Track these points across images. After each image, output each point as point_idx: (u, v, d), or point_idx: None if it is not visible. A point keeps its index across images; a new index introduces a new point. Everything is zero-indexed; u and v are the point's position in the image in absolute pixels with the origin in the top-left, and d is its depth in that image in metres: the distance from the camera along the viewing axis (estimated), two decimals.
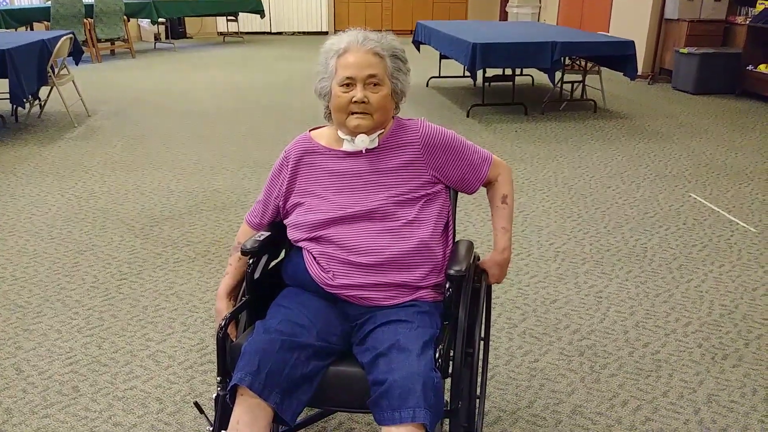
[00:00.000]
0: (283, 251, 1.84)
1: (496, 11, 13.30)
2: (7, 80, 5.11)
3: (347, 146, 1.69)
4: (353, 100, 1.63)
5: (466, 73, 7.02)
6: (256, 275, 1.70)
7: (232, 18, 12.12)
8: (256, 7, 11.51)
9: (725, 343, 2.53)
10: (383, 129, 1.71)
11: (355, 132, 1.67)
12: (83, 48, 7.03)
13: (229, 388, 1.47)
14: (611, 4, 9.14)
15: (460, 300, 1.62)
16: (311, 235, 1.66)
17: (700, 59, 7.30)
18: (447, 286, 1.58)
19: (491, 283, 1.85)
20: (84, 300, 2.82)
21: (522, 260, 3.22)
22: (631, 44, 5.96)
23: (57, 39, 5.70)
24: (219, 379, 1.59)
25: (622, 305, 2.80)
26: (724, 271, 3.13)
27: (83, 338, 2.53)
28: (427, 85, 7.81)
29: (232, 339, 1.62)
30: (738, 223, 3.70)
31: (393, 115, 1.74)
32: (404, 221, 1.65)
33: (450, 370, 1.56)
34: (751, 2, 7.42)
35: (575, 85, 6.91)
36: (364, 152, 1.69)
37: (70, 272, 3.08)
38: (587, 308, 2.78)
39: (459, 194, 1.82)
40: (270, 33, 13.13)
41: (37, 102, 6.00)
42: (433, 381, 1.41)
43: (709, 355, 2.44)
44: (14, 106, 5.85)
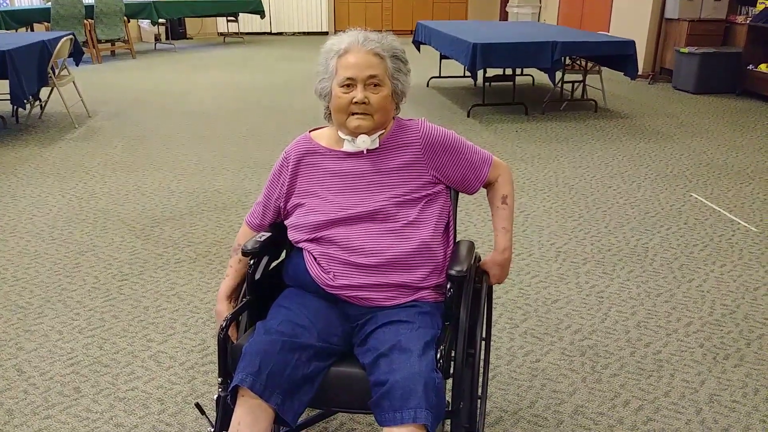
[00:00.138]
0: (284, 252, 1.84)
1: (496, 11, 13.30)
2: (7, 81, 5.11)
3: (348, 147, 1.69)
4: (354, 100, 1.62)
5: (467, 73, 7.03)
6: (257, 276, 1.70)
7: (233, 18, 12.13)
8: (256, 8, 11.52)
9: (727, 342, 2.53)
10: (384, 129, 1.70)
11: (356, 133, 1.66)
12: (83, 49, 7.03)
13: (230, 389, 1.47)
14: (611, 3, 9.14)
15: (462, 300, 1.61)
16: (312, 236, 1.66)
17: (701, 59, 7.30)
18: (448, 286, 1.58)
19: (492, 284, 1.84)
20: (85, 301, 2.83)
21: (523, 260, 3.22)
22: (632, 44, 5.96)
23: (57, 40, 5.71)
24: (220, 380, 1.59)
25: (624, 305, 2.80)
26: (726, 270, 3.13)
27: (84, 339, 2.53)
28: (427, 86, 7.81)
29: (232, 341, 1.62)
30: (739, 223, 3.70)
31: (393, 116, 1.74)
32: (405, 222, 1.65)
33: (451, 371, 1.56)
34: (752, 2, 7.42)
35: (576, 84, 6.91)
36: (365, 153, 1.69)
37: (71, 273, 3.08)
38: (588, 308, 2.77)
39: (460, 194, 1.82)
40: (270, 33, 13.15)
41: (37, 103, 6.00)
42: (434, 381, 1.41)
43: (711, 355, 2.44)
44: (15, 107, 5.86)
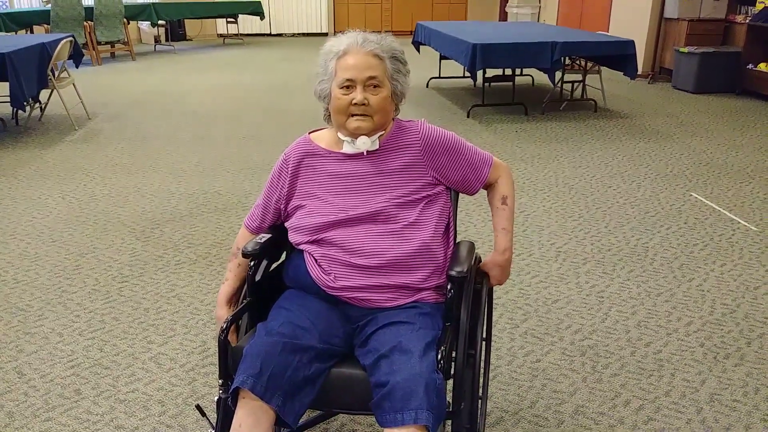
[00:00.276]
0: (284, 253, 1.84)
1: (496, 11, 13.30)
2: (7, 83, 5.12)
3: (347, 148, 1.69)
4: (353, 102, 1.62)
5: (466, 74, 7.02)
6: (257, 277, 1.70)
7: (232, 20, 12.13)
8: (255, 9, 11.52)
9: (727, 342, 2.53)
10: (383, 131, 1.70)
11: (356, 134, 1.66)
12: (83, 51, 7.04)
13: (231, 391, 1.47)
14: (611, 3, 9.14)
15: (462, 301, 1.61)
16: (312, 238, 1.66)
17: (700, 58, 7.30)
18: (449, 287, 1.58)
19: (492, 285, 1.84)
20: (85, 303, 2.83)
21: (523, 260, 3.22)
22: (631, 44, 5.96)
23: (57, 42, 5.71)
24: (221, 381, 1.58)
25: (624, 305, 2.80)
26: (726, 270, 3.13)
27: (85, 341, 2.53)
28: (427, 86, 7.81)
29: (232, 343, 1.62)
30: (739, 222, 3.70)
31: (393, 117, 1.74)
32: (405, 223, 1.65)
33: (452, 372, 1.56)
34: (751, 1, 7.42)
35: (575, 84, 6.91)
36: (365, 154, 1.69)
37: (72, 275, 3.08)
38: (589, 308, 2.77)
39: (460, 195, 1.82)
40: (270, 35, 13.15)
41: (37, 105, 6.00)
42: (435, 382, 1.41)
43: (711, 355, 2.44)
44: (15, 110, 5.87)
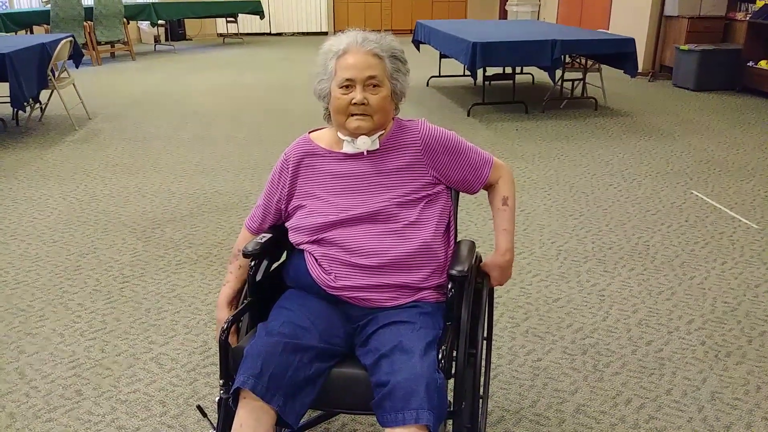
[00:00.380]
0: (285, 253, 1.84)
1: (496, 10, 13.29)
2: (7, 84, 5.12)
3: (348, 148, 1.69)
4: (353, 101, 1.62)
5: (466, 72, 7.03)
6: (258, 277, 1.70)
7: (232, 19, 12.13)
8: (255, 9, 11.52)
9: (728, 340, 2.53)
10: (383, 130, 1.70)
11: (356, 134, 1.66)
12: (83, 51, 7.04)
13: (231, 391, 1.47)
14: (611, 1, 9.13)
15: (463, 300, 1.61)
16: (313, 238, 1.66)
17: (701, 56, 7.29)
18: (449, 286, 1.57)
19: (493, 286, 1.83)
20: (86, 303, 2.83)
21: (524, 259, 3.22)
22: (632, 42, 5.95)
23: (57, 42, 5.71)
24: (222, 382, 1.58)
25: (625, 303, 2.80)
26: (727, 268, 3.12)
27: (86, 342, 2.53)
28: (427, 85, 7.81)
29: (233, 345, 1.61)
30: (740, 220, 3.70)
31: (393, 116, 1.74)
32: (406, 222, 1.64)
33: (453, 371, 1.56)
34: None
35: (576, 83, 6.91)
36: (365, 154, 1.69)
37: (72, 276, 3.08)
38: (590, 307, 2.77)
39: (460, 194, 1.82)
40: (270, 34, 13.15)
41: (37, 105, 6.00)
42: (436, 382, 1.40)
43: (713, 353, 2.44)
44: (15, 110, 5.87)
